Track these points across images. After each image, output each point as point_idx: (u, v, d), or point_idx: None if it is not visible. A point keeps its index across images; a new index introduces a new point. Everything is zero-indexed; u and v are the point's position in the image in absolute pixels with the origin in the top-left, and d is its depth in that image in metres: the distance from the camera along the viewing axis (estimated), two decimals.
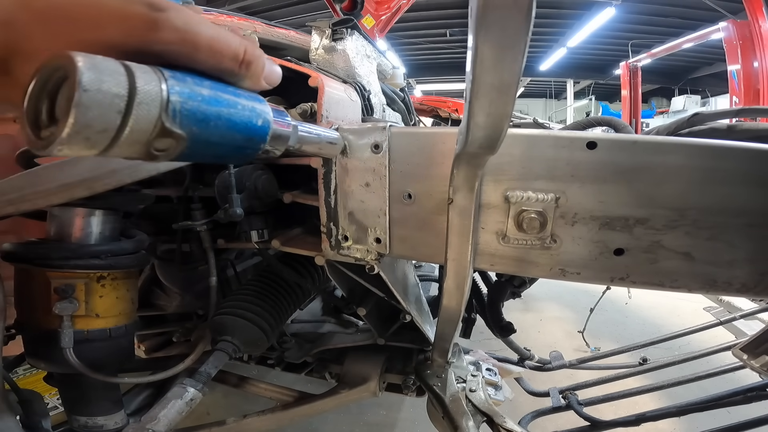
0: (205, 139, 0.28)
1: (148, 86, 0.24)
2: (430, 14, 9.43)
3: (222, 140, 0.30)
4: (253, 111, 0.32)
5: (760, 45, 5.12)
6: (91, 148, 0.23)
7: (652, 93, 14.64)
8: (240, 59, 0.31)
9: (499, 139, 0.37)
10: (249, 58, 0.32)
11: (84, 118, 0.21)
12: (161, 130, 0.25)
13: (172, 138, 0.26)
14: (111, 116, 0.22)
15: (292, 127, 0.38)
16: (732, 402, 0.99)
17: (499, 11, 0.25)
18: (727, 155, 0.49)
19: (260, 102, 0.33)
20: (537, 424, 1.17)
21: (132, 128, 0.23)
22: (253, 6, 7.97)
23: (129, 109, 0.23)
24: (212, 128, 0.28)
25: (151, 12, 0.28)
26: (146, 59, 0.28)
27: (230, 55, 0.31)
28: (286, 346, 1.08)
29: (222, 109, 0.29)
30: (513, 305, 1.41)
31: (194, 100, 0.27)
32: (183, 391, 0.65)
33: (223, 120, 0.29)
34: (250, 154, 0.33)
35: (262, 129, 0.33)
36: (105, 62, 0.22)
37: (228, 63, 0.31)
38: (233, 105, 0.30)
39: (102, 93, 0.22)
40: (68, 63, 0.21)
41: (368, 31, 3.31)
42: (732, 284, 0.52)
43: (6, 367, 0.71)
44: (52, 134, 0.22)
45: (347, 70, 0.84)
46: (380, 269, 0.64)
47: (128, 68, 0.23)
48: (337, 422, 1.66)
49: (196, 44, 0.29)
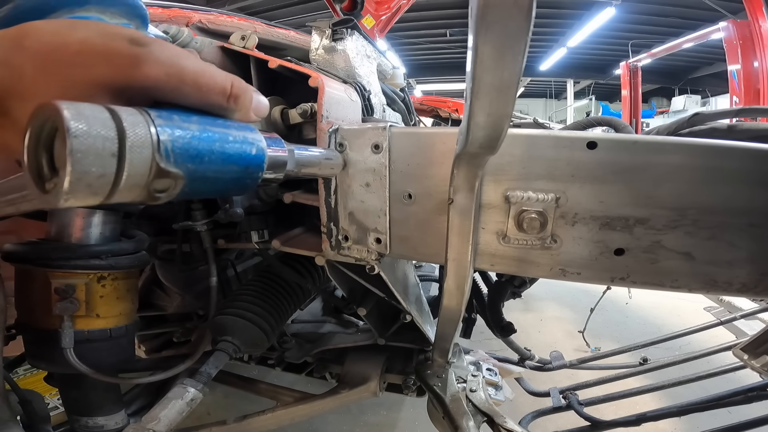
0: (202, 175, 0.28)
1: (136, 128, 0.24)
2: (430, 14, 9.43)
3: (219, 174, 0.30)
4: (245, 141, 0.32)
5: (760, 45, 5.12)
6: (95, 195, 0.23)
7: (652, 93, 14.64)
8: (228, 93, 0.32)
9: (499, 139, 0.37)
10: (237, 92, 0.32)
11: (81, 164, 0.21)
12: (158, 171, 0.25)
13: (170, 177, 0.26)
14: (106, 160, 0.23)
15: (288, 152, 0.39)
16: (732, 402, 0.99)
17: (499, 11, 0.25)
18: (727, 155, 0.49)
19: (251, 131, 0.34)
20: (537, 424, 1.17)
21: (129, 172, 0.23)
22: (253, 6, 7.97)
23: (122, 152, 0.23)
24: (207, 163, 0.28)
25: (133, 47, 0.29)
26: (135, 96, 0.29)
27: (217, 90, 0.31)
28: (287, 347, 1.08)
29: (214, 142, 0.29)
30: (513, 305, 1.41)
31: (184, 137, 0.27)
32: (183, 391, 0.65)
33: (216, 153, 0.29)
34: (249, 184, 0.34)
35: (258, 158, 0.33)
36: (89, 108, 0.23)
37: (216, 97, 0.31)
38: (224, 137, 0.30)
39: (92, 137, 0.22)
40: (54, 113, 0.22)
41: (368, 31, 3.32)
42: (732, 284, 0.52)
43: (6, 367, 0.71)
44: (56, 185, 0.22)
45: (347, 71, 0.83)
46: (380, 269, 0.64)
47: (113, 111, 0.23)
48: (337, 422, 1.66)
49: (181, 78, 0.29)
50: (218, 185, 0.30)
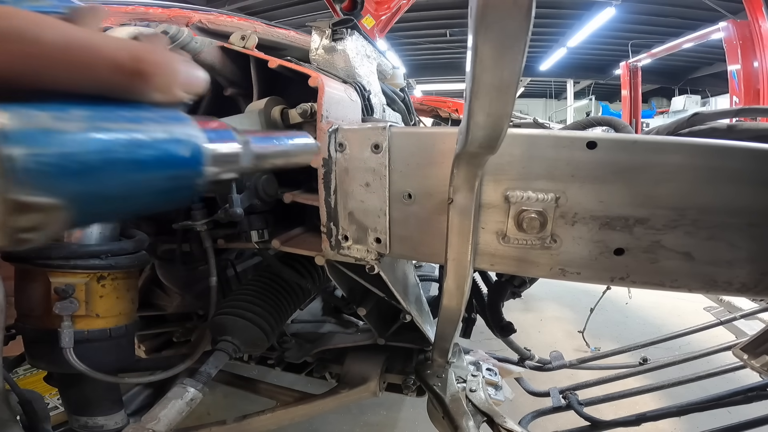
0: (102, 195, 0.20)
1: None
2: (430, 14, 9.43)
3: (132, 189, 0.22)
4: (171, 138, 0.24)
5: (760, 45, 5.12)
6: None
7: (652, 93, 14.64)
8: (125, 68, 0.23)
9: (499, 138, 0.37)
10: (144, 67, 0.23)
11: None
12: (15, 205, 0.17)
13: (39, 211, 0.18)
14: None
15: (242, 143, 0.30)
16: (732, 402, 0.99)
17: (499, 11, 0.25)
18: (727, 155, 0.49)
19: (181, 122, 0.25)
20: (537, 424, 1.17)
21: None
22: (253, 6, 7.96)
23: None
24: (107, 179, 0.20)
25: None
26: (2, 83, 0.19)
27: (106, 64, 0.22)
28: (287, 346, 1.08)
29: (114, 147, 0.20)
30: (513, 305, 1.41)
31: (55, 147, 0.18)
32: (183, 391, 0.65)
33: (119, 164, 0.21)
34: (185, 192, 0.26)
35: (192, 159, 0.25)
36: None
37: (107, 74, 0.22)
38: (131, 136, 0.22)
39: None
40: None
41: (368, 31, 3.32)
42: (732, 284, 0.52)
43: (6, 367, 0.71)
44: None
45: (347, 70, 0.84)
46: (380, 269, 0.64)
47: None
48: (337, 422, 1.66)
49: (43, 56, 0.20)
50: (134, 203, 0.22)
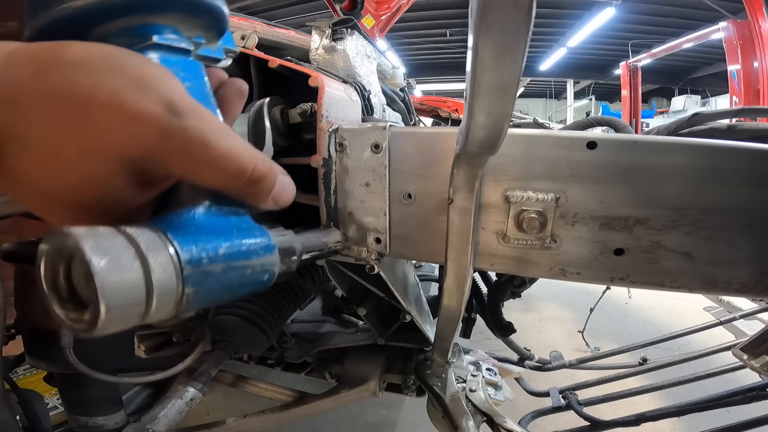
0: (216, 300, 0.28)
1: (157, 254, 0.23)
2: (430, 14, 9.43)
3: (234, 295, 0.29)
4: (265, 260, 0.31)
5: (760, 45, 5.12)
6: (128, 323, 0.23)
7: (652, 93, 14.64)
8: (245, 177, 0.28)
9: (499, 139, 0.37)
10: (257, 176, 0.28)
11: (112, 301, 0.21)
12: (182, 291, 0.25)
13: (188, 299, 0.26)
14: (134, 290, 0.22)
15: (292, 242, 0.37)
16: (732, 402, 0.99)
17: (499, 11, 0.25)
18: (727, 155, 0.49)
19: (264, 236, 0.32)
20: (537, 424, 1.17)
21: (158, 296, 0.23)
22: (253, 6, 7.96)
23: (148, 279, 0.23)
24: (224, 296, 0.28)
25: (168, 116, 0.24)
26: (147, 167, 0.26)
27: (237, 173, 0.27)
28: (286, 346, 1.08)
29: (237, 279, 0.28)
30: (513, 305, 1.41)
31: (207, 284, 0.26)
32: (183, 391, 0.65)
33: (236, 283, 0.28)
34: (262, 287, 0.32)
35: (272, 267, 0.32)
36: (105, 236, 0.22)
37: (233, 181, 0.28)
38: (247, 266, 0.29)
39: (117, 271, 0.21)
40: (72, 246, 0.21)
41: (368, 31, 3.31)
42: (732, 284, 0.52)
43: (6, 367, 0.71)
44: (87, 321, 0.22)
45: (347, 70, 0.83)
46: (380, 269, 0.64)
47: (128, 236, 0.23)
48: (337, 422, 1.66)
49: (204, 159, 0.26)
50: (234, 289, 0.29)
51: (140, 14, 0.29)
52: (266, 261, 0.31)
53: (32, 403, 0.68)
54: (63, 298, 0.23)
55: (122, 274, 0.22)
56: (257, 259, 0.30)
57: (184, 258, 0.25)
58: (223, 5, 0.34)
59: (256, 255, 0.30)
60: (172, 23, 0.31)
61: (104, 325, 0.21)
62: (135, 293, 0.22)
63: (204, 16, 0.33)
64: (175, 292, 0.24)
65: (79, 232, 0.21)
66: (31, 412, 0.68)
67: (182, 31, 0.32)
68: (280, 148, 0.69)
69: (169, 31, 0.31)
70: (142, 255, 0.23)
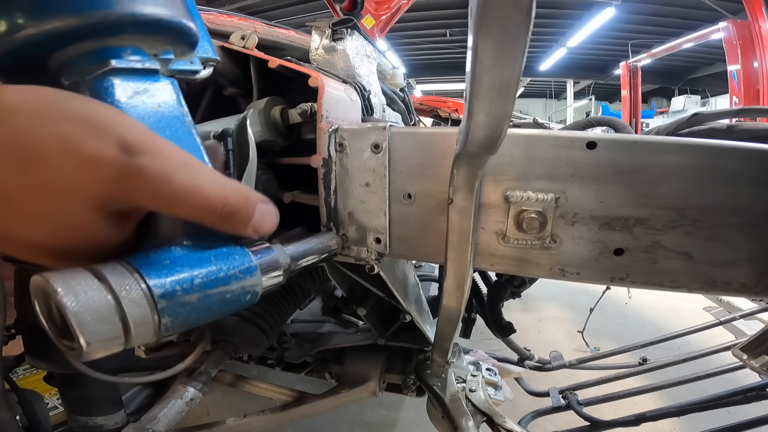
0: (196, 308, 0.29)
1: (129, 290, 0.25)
2: (430, 14, 9.43)
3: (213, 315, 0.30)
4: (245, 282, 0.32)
5: (760, 45, 5.12)
6: (113, 348, 0.25)
7: (652, 93, 14.64)
8: (217, 212, 0.28)
9: (499, 139, 0.37)
10: (230, 210, 0.28)
11: (90, 333, 0.23)
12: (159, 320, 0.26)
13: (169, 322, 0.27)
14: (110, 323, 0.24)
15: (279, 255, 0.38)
16: (732, 402, 0.99)
17: (499, 11, 0.25)
18: (727, 155, 0.49)
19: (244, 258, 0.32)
20: (537, 424, 1.17)
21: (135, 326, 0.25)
22: (253, 6, 7.97)
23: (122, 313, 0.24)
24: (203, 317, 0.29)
25: (122, 156, 0.24)
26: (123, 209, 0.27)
27: (207, 209, 0.28)
28: (286, 346, 1.08)
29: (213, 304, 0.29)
30: (513, 305, 1.41)
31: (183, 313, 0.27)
32: (183, 391, 0.65)
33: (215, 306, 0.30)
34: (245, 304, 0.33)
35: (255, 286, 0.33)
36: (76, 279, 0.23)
37: (205, 216, 0.28)
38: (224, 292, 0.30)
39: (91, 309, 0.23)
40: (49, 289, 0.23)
41: (368, 31, 3.32)
42: (732, 284, 0.52)
43: (6, 367, 0.71)
44: (76, 349, 0.24)
45: (347, 70, 0.83)
46: (380, 269, 0.64)
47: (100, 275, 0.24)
48: (337, 422, 1.66)
49: (168, 198, 0.26)
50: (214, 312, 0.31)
51: (93, 39, 0.29)
52: (247, 283, 0.32)
53: (32, 403, 0.68)
54: (58, 327, 0.24)
55: (96, 313, 0.23)
56: (236, 283, 0.31)
57: (156, 293, 0.26)
58: (186, 19, 0.32)
59: (235, 279, 0.31)
60: (131, 44, 0.30)
61: (89, 354, 0.23)
62: (111, 328, 0.24)
63: (164, 33, 0.32)
64: (151, 322, 0.26)
65: (52, 277, 0.23)
66: (31, 412, 0.68)
67: (145, 49, 0.31)
68: (280, 148, 0.69)
69: (130, 52, 0.30)
70: (113, 293, 0.24)
